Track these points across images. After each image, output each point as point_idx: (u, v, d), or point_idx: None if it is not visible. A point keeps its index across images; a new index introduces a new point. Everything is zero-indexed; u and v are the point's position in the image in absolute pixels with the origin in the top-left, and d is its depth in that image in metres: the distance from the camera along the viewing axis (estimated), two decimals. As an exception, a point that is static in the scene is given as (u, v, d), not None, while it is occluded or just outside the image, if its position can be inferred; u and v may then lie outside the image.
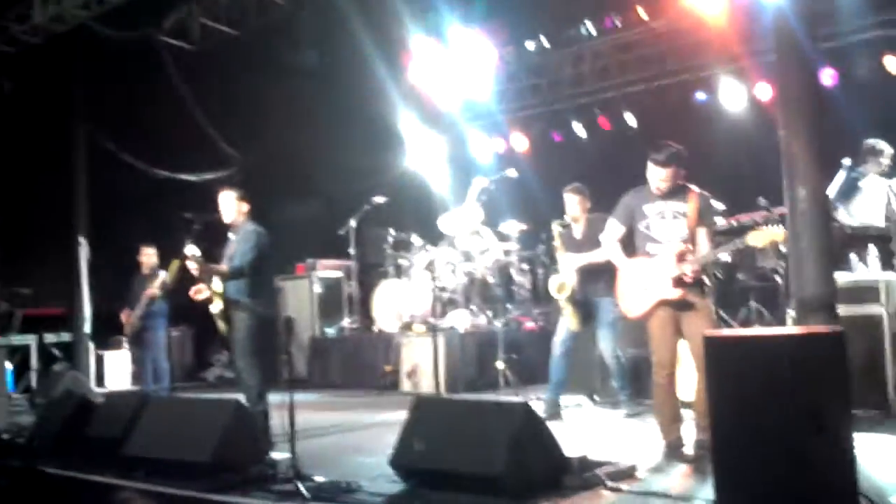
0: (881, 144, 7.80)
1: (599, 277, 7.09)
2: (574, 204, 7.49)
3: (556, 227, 7.65)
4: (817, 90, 6.42)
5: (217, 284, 6.80)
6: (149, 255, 9.91)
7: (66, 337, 12.07)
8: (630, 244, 5.82)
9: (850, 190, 7.71)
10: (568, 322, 7.43)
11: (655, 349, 5.62)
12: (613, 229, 5.87)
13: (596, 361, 7.96)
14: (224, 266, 6.85)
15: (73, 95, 12.11)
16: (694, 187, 5.65)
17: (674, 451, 5.48)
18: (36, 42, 11.12)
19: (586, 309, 7.43)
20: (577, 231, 7.56)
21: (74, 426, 6.62)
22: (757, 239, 5.32)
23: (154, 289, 9.47)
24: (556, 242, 7.62)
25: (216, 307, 6.84)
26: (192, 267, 6.76)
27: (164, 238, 9.29)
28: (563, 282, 7.39)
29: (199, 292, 6.87)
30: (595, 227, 7.07)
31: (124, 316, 9.83)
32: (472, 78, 12.59)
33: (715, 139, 11.06)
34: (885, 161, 7.71)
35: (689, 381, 6.52)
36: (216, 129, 12.64)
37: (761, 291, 8.63)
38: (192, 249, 6.69)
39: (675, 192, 5.58)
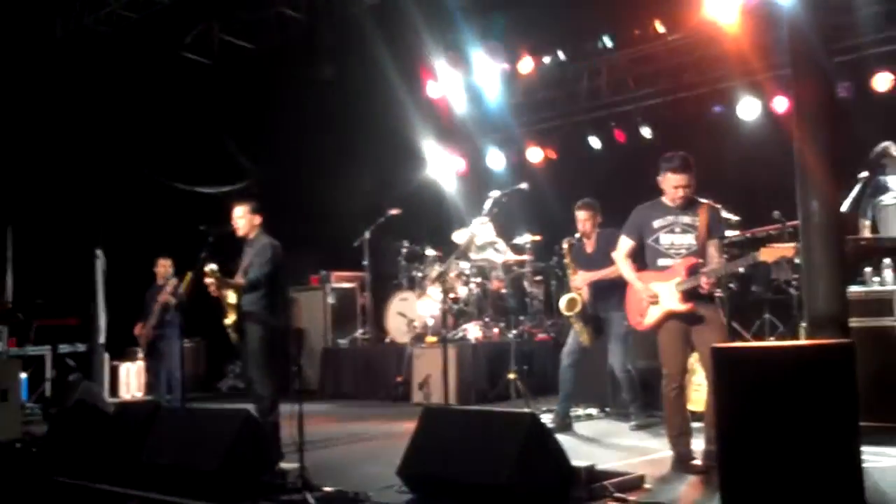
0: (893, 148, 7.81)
1: (612, 293, 7.04)
2: (585, 219, 7.46)
3: (566, 244, 7.63)
4: (833, 103, 6.38)
5: (231, 297, 6.85)
6: (164, 266, 9.96)
7: (80, 347, 12.12)
8: (641, 259, 5.81)
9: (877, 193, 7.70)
10: (579, 337, 7.41)
11: (665, 361, 5.61)
12: (623, 245, 5.87)
13: (607, 373, 7.94)
14: (241, 279, 6.89)
15: (90, 109, 12.23)
16: (703, 199, 5.64)
17: (682, 462, 5.46)
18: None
19: (597, 324, 7.41)
20: (589, 246, 7.54)
21: (87, 436, 6.65)
22: (768, 255, 5.31)
23: (167, 294, 9.46)
24: (567, 259, 7.60)
25: (230, 319, 6.90)
26: (210, 282, 6.80)
27: (180, 250, 9.34)
28: (574, 298, 7.37)
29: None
30: (606, 242, 7.04)
31: (138, 329, 9.88)
32: (488, 91, 12.61)
33: (731, 152, 10.98)
34: None
35: (701, 392, 6.52)
36: (233, 143, 12.74)
37: (776, 304, 8.58)
38: (210, 266, 6.74)
39: (686, 204, 5.57)
